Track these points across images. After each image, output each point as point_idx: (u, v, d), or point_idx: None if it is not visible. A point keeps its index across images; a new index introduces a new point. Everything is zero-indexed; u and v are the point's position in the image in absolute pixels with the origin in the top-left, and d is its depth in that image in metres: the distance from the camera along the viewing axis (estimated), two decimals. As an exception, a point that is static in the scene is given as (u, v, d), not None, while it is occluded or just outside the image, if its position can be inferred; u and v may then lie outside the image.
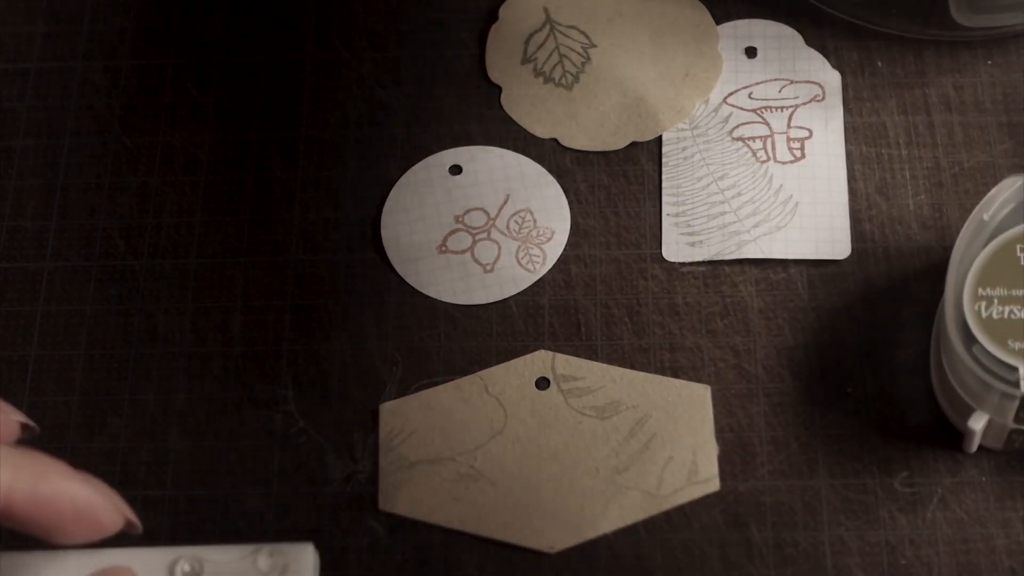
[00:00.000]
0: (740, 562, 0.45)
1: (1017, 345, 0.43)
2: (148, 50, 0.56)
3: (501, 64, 0.55)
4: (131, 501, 0.47)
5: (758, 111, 0.53)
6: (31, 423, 0.38)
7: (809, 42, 0.54)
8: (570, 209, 0.52)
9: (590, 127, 0.53)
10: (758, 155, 0.52)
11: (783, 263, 0.50)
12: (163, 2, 0.57)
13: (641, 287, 0.50)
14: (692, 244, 0.50)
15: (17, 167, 0.54)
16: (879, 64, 0.53)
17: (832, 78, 0.53)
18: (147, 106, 0.55)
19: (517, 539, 0.46)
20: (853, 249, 0.50)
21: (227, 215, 0.52)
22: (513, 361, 0.49)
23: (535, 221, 0.51)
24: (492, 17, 0.56)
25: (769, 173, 0.51)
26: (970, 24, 0.52)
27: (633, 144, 0.53)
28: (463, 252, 0.51)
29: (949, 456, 0.46)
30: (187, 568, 0.38)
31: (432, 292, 0.50)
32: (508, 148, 0.53)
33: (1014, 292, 0.44)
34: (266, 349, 0.50)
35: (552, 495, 0.46)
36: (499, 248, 0.51)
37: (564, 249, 0.51)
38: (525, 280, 0.50)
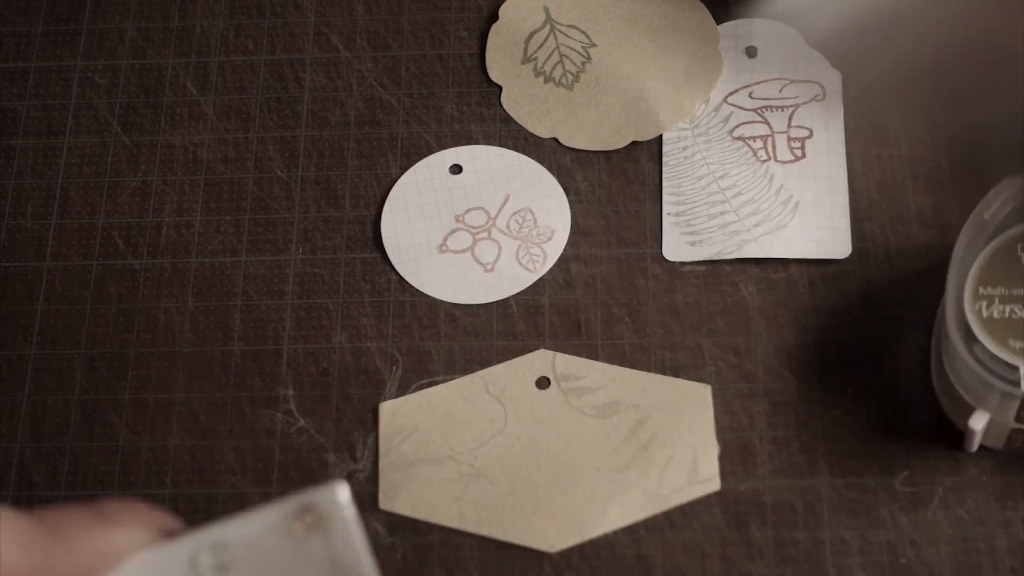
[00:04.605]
0: (741, 562, 0.45)
1: (1018, 344, 0.43)
2: (148, 50, 0.56)
3: (501, 64, 0.55)
4: (131, 501, 0.47)
5: (758, 111, 0.53)
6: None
7: (809, 41, 0.54)
8: (570, 208, 0.52)
9: (590, 126, 0.53)
10: (758, 155, 0.52)
11: (784, 263, 0.50)
12: (163, 2, 0.57)
13: (641, 286, 0.50)
14: (692, 243, 0.50)
15: (17, 167, 0.54)
16: (879, 64, 0.53)
17: (833, 78, 0.53)
18: (147, 106, 0.55)
19: (517, 539, 0.46)
20: (854, 249, 0.50)
21: (227, 215, 0.52)
22: (514, 360, 0.49)
23: (535, 220, 0.51)
24: (492, 17, 0.56)
25: (769, 173, 0.51)
26: (970, 24, 0.52)
27: (633, 143, 0.53)
28: (463, 252, 0.51)
29: (950, 456, 0.46)
30: (209, 561, 0.33)
31: (432, 292, 0.50)
32: (508, 148, 0.53)
33: (1015, 291, 0.44)
34: (266, 349, 0.50)
35: (552, 494, 0.46)
36: (499, 247, 0.51)
37: (564, 248, 0.51)
38: (525, 279, 0.50)
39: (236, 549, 0.32)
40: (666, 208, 0.51)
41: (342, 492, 0.32)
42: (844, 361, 0.48)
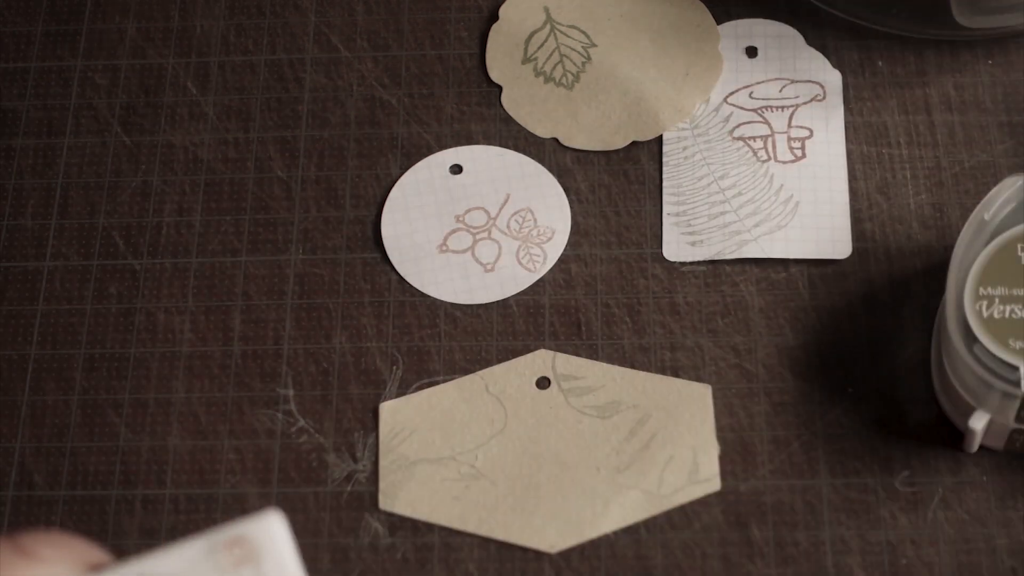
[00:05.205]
0: (741, 562, 0.45)
1: (1018, 344, 0.43)
2: (148, 50, 0.56)
3: (501, 64, 0.55)
4: (131, 501, 0.47)
5: (759, 111, 0.53)
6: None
7: (810, 42, 0.54)
8: (571, 208, 0.52)
9: (591, 127, 0.53)
10: (759, 155, 0.52)
11: (784, 263, 0.50)
12: (163, 2, 0.57)
13: (642, 286, 0.50)
14: (693, 243, 0.50)
15: (17, 167, 0.54)
16: (880, 64, 0.53)
17: (833, 77, 0.53)
18: (147, 106, 0.55)
19: (517, 539, 0.46)
20: (854, 249, 0.50)
21: (227, 215, 0.52)
22: (514, 360, 0.49)
23: (536, 220, 0.51)
24: (492, 17, 0.56)
25: (770, 173, 0.51)
26: (971, 24, 0.52)
27: (634, 143, 0.53)
28: (464, 252, 0.51)
29: (950, 456, 0.46)
30: None
31: (432, 292, 0.50)
32: (509, 148, 0.53)
33: (1015, 291, 0.44)
34: (266, 349, 0.50)
35: (552, 495, 0.46)
36: (500, 247, 0.51)
37: (565, 248, 0.51)
38: (526, 279, 0.50)
39: None
40: (666, 208, 0.51)
41: (277, 523, 0.29)
42: (844, 361, 0.48)
